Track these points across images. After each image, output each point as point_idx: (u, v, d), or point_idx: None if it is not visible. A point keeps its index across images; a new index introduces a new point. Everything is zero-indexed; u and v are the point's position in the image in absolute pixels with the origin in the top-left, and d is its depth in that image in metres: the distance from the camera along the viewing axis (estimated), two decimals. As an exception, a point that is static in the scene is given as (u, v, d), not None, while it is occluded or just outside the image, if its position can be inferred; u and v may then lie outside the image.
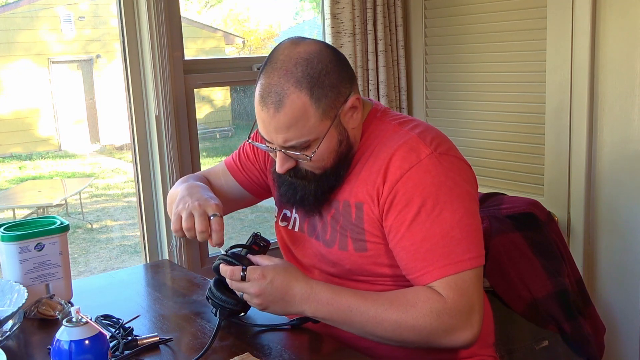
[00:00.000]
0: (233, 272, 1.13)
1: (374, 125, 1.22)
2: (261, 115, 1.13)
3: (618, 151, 1.82)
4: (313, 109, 1.10)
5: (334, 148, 1.16)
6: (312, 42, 1.15)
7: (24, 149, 8.03)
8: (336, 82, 1.13)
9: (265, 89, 1.12)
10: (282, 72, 1.11)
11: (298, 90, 1.09)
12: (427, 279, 1.09)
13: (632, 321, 1.86)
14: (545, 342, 1.43)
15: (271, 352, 1.13)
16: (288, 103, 1.09)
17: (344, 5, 2.13)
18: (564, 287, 1.44)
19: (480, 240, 1.12)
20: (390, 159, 1.13)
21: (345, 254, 1.19)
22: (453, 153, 1.17)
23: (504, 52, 2.10)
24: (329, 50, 1.15)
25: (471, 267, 1.08)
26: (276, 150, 1.16)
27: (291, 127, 1.11)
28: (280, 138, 1.13)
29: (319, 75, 1.11)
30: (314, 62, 1.11)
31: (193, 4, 7.18)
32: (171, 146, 1.89)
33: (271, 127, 1.13)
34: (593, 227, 1.92)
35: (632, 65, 1.76)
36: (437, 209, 1.09)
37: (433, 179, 1.11)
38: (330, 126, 1.13)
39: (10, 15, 8.10)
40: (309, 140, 1.13)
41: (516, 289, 1.41)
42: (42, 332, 1.25)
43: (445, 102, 2.32)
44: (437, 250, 1.09)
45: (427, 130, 1.18)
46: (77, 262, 4.95)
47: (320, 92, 1.11)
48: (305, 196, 1.20)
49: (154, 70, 1.84)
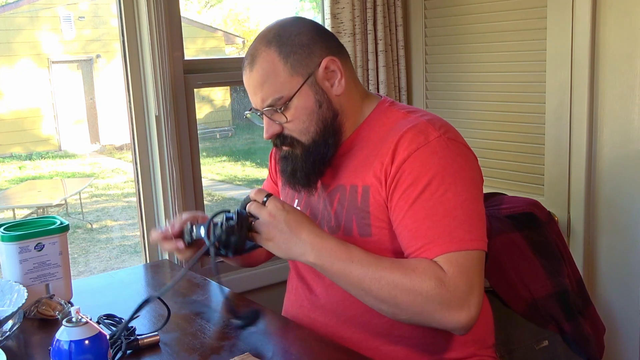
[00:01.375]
0: (257, 193, 1.16)
1: (382, 114, 1.24)
2: (244, 81, 1.22)
3: (618, 151, 1.82)
4: (281, 64, 1.17)
5: (312, 108, 1.19)
6: (294, 17, 1.25)
7: (24, 149, 8.03)
8: (308, 42, 1.19)
9: (245, 55, 1.22)
10: (259, 39, 1.21)
11: (267, 48, 1.18)
12: (426, 254, 1.08)
13: (632, 321, 1.86)
14: (545, 342, 1.42)
15: (271, 352, 1.13)
16: (259, 61, 1.18)
17: (344, 5, 2.13)
18: (564, 287, 1.44)
19: (483, 226, 1.11)
20: (398, 140, 1.14)
21: (350, 239, 1.18)
22: (461, 141, 1.18)
23: (504, 52, 2.10)
24: (309, 21, 1.23)
25: (473, 248, 1.07)
26: (261, 115, 1.22)
27: (264, 84, 1.18)
28: (258, 99, 1.19)
29: (288, 36, 1.18)
30: (286, 27, 1.20)
31: (193, 4, 7.18)
32: (171, 146, 1.89)
33: (250, 88, 1.21)
34: (593, 227, 1.92)
35: (632, 65, 1.76)
36: (441, 189, 1.09)
37: (440, 160, 1.11)
38: (302, 83, 1.17)
39: (10, 15, 8.09)
40: (283, 97, 1.17)
41: (516, 289, 1.41)
42: (42, 332, 1.25)
43: (445, 102, 2.32)
44: (439, 228, 1.08)
45: (436, 118, 1.20)
46: (77, 262, 4.94)
47: (288, 49, 1.17)
48: (296, 167, 1.23)
49: (154, 70, 1.84)
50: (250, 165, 6.97)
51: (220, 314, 1.34)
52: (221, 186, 6.54)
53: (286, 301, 1.39)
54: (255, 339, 1.19)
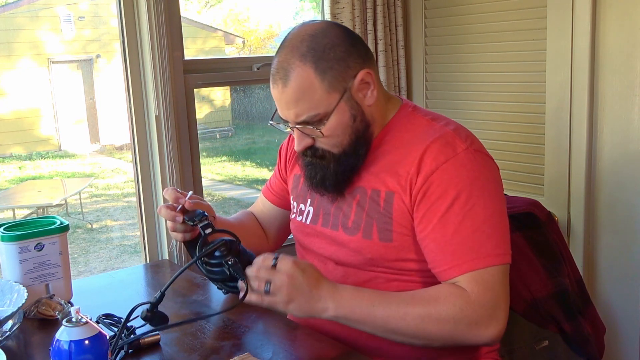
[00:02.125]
0: (265, 259, 1.12)
1: (405, 119, 1.23)
2: (274, 93, 1.17)
3: (618, 151, 1.82)
4: (318, 81, 1.12)
5: (347, 123, 1.16)
6: (321, 22, 1.19)
7: (24, 149, 8.03)
8: (343, 55, 1.14)
9: (275, 67, 1.16)
10: (289, 49, 1.14)
11: (302, 63, 1.12)
12: (454, 272, 1.09)
13: (632, 321, 1.86)
14: (545, 342, 1.43)
15: (271, 353, 1.13)
16: (293, 77, 1.12)
17: (344, 5, 2.13)
18: (564, 287, 1.44)
19: (507, 239, 1.13)
20: (425, 151, 1.14)
21: (369, 242, 1.18)
22: (485, 152, 1.19)
23: (504, 52, 2.10)
24: (339, 28, 1.18)
25: (499, 263, 1.09)
26: (293, 128, 1.18)
27: (299, 101, 1.13)
28: (291, 113, 1.15)
29: (323, 49, 1.13)
30: (319, 37, 1.14)
31: (193, 4, 7.17)
32: (171, 146, 1.89)
33: (282, 103, 1.16)
34: (593, 227, 1.92)
35: (632, 65, 1.76)
36: (470, 203, 1.10)
37: (468, 173, 1.12)
38: (339, 99, 1.14)
39: (10, 15, 8.09)
40: (319, 114, 1.14)
41: (516, 289, 1.41)
42: (42, 332, 1.25)
43: (445, 102, 2.32)
44: (467, 244, 1.09)
45: (461, 128, 1.20)
46: (77, 262, 4.94)
47: (324, 65, 1.12)
48: (326, 176, 1.21)
49: (154, 70, 1.84)
50: (250, 165, 6.97)
51: (221, 314, 1.34)
52: (221, 186, 6.54)
53: None
54: (255, 339, 1.19)
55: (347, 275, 1.23)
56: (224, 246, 1.18)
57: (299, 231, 1.35)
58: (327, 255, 1.27)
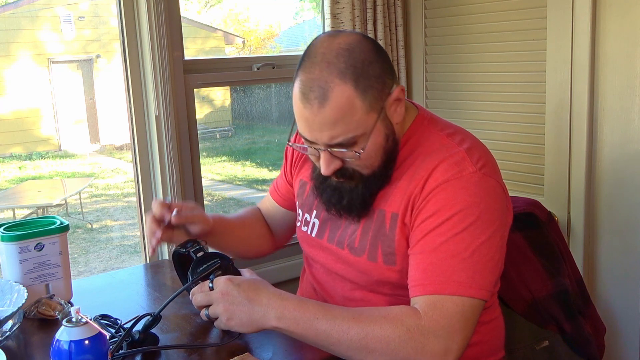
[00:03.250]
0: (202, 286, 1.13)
1: (420, 133, 1.16)
2: (303, 113, 1.06)
3: (618, 151, 1.82)
4: (359, 101, 1.04)
5: (381, 144, 1.09)
6: (350, 33, 1.10)
7: (24, 149, 8.03)
8: (380, 72, 1.07)
9: (307, 84, 1.04)
10: (324, 65, 1.04)
11: (342, 82, 1.02)
12: (418, 290, 1.04)
13: (632, 321, 1.86)
14: (545, 342, 1.42)
15: (271, 353, 1.13)
16: (333, 97, 1.02)
17: (344, 5, 2.13)
18: (565, 287, 1.44)
19: (491, 275, 1.05)
20: (433, 170, 1.08)
21: (374, 265, 1.15)
22: (496, 177, 1.12)
23: (504, 52, 2.10)
24: (368, 40, 1.10)
25: (468, 295, 1.01)
26: (320, 151, 1.09)
27: (337, 123, 1.04)
28: (325, 136, 1.06)
29: (362, 66, 1.04)
30: (356, 52, 1.04)
31: (193, 4, 7.17)
32: (171, 146, 1.89)
33: (315, 125, 1.05)
34: (593, 227, 1.92)
35: (632, 65, 1.76)
36: (458, 227, 1.04)
37: (468, 197, 1.05)
38: (377, 120, 1.07)
39: (10, 15, 8.09)
40: (356, 136, 1.06)
41: (517, 289, 1.41)
42: (42, 332, 1.25)
43: (445, 102, 2.32)
44: (441, 266, 1.03)
45: (476, 147, 1.14)
46: (77, 262, 4.94)
47: (365, 84, 1.04)
48: (353, 200, 1.14)
49: (154, 70, 1.84)
50: (250, 165, 6.96)
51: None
52: (221, 186, 6.53)
53: None
54: (255, 339, 1.19)
55: (354, 289, 1.21)
56: (219, 269, 1.18)
57: (304, 241, 1.32)
58: (333, 270, 1.25)
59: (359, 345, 1.01)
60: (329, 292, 1.28)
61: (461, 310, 1.01)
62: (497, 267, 1.08)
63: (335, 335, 1.02)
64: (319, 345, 1.06)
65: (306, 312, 1.05)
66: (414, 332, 0.99)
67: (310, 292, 1.34)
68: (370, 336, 1.01)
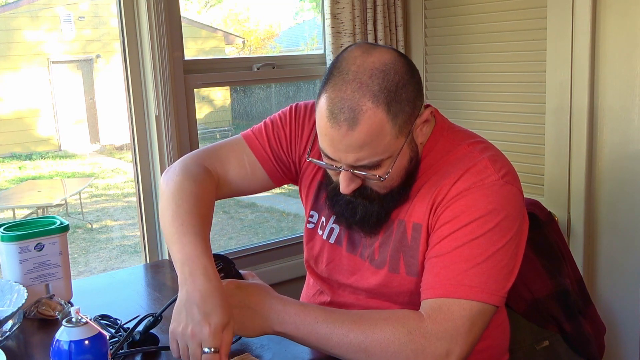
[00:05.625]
0: None
1: (442, 145, 1.15)
2: (329, 133, 1.02)
3: (618, 151, 1.82)
4: (390, 125, 1.00)
5: (404, 166, 1.08)
6: (385, 50, 1.05)
7: (24, 149, 8.03)
8: (412, 95, 1.04)
9: (337, 104, 1.00)
10: (357, 85, 0.99)
11: (375, 106, 0.99)
12: (428, 293, 1.03)
13: (632, 321, 1.86)
14: (545, 342, 1.42)
15: (271, 353, 1.13)
16: (364, 120, 0.99)
17: (344, 5, 2.13)
18: (565, 287, 1.44)
19: (504, 281, 1.04)
20: (457, 179, 1.07)
21: (396, 276, 1.13)
22: (518, 185, 1.11)
23: (504, 52, 2.10)
24: (403, 59, 1.06)
25: (478, 300, 1.00)
26: (341, 170, 1.06)
27: (365, 146, 1.01)
28: (350, 157, 1.03)
29: (395, 89, 1.00)
30: (391, 74, 1.01)
31: (193, 4, 7.17)
32: (171, 146, 1.89)
33: (341, 146, 1.02)
34: (593, 227, 1.92)
35: (632, 65, 1.76)
36: (475, 233, 1.03)
37: (488, 204, 1.04)
38: (404, 143, 1.05)
39: (10, 15, 8.09)
40: (382, 160, 1.04)
41: (517, 289, 1.40)
42: (42, 332, 1.25)
43: (445, 102, 2.32)
44: (454, 270, 1.02)
45: (498, 155, 1.12)
46: (77, 262, 4.95)
47: (397, 108, 1.00)
48: (367, 217, 1.12)
49: (154, 70, 1.84)
50: (250, 165, 6.96)
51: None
52: (221, 186, 6.53)
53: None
54: (256, 339, 1.19)
55: (370, 297, 1.20)
56: (222, 272, 1.17)
57: (318, 246, 1.28)
58: (348, 283, 1.23)
59: (358, 348, 1.01)
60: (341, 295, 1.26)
61: (468, 314, 1.00)
62: (512, 274, 1.06)
63: (335, 339, 1.02)
64: (321, 349, 1.06)
65: (307, 317, 1.05)
66: (415, 334, 0.99)
67: (316, 294, 1.33)
68: (369, 339, 1.01)
